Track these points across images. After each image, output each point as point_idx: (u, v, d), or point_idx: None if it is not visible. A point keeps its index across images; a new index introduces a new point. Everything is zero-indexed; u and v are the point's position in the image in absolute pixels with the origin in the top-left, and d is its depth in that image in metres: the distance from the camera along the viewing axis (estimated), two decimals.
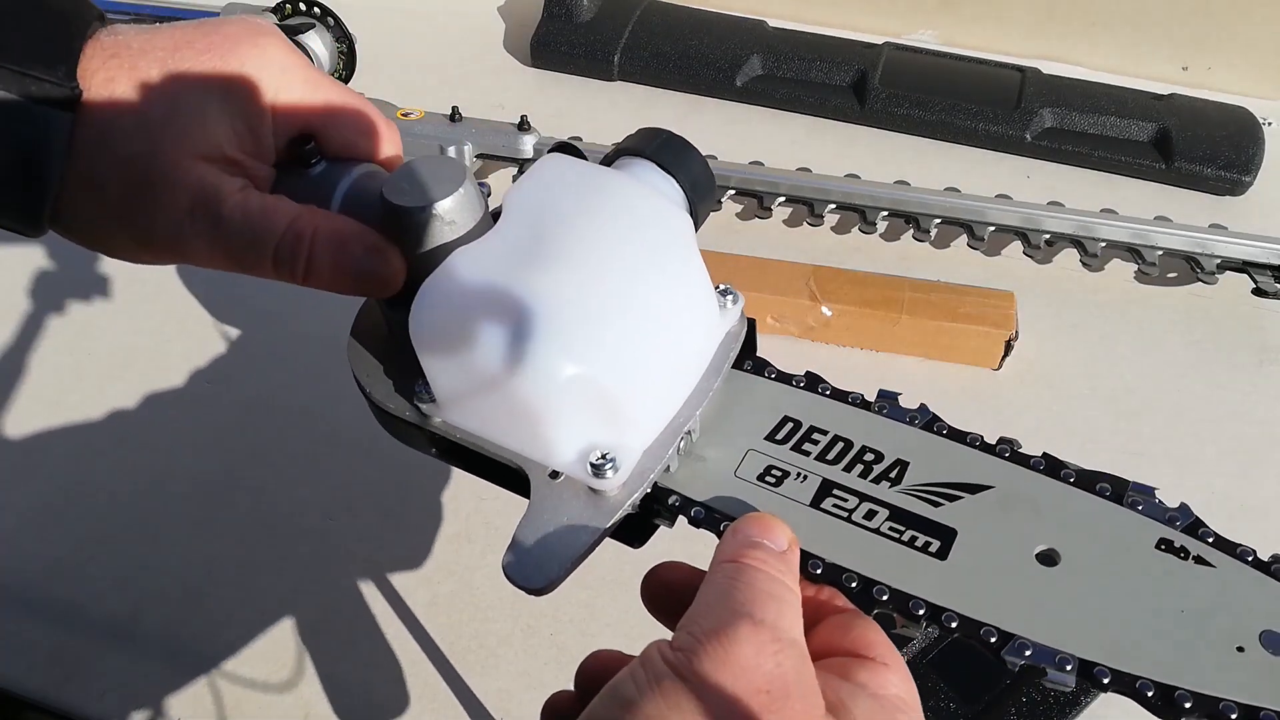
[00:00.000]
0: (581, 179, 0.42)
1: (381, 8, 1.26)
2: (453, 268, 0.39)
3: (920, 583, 0.37)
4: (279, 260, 0.41)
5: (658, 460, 0.41)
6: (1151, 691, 0.34)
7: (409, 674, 0.73)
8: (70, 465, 0.86)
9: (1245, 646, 0.35)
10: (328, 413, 0.88)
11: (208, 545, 0.80)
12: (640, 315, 0.39)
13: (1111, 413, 0.85)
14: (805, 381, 0.44)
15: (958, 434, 0.42)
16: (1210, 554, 0.38)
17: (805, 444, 0.42)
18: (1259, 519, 0.78)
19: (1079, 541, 0.38)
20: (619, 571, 0.77)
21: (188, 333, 0.95)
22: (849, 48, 1.13)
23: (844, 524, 0.40)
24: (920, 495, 0.40)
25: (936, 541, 0.39)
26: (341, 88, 0.44)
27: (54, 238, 0.41)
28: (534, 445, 0.40)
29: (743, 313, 0.46)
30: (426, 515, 0.81)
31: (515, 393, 0.38)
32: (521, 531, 0.39)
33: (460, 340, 0.38)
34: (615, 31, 1.16)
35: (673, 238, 0.42)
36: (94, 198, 0.39)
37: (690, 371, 0.43)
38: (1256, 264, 0.91)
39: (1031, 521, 0.39)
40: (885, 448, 0.41)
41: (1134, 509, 0.39)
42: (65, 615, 0.77)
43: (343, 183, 0.43)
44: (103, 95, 0.38)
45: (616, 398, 0.39)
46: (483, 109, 1.07)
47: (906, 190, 0.97)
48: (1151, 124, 1.04)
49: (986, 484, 0.40)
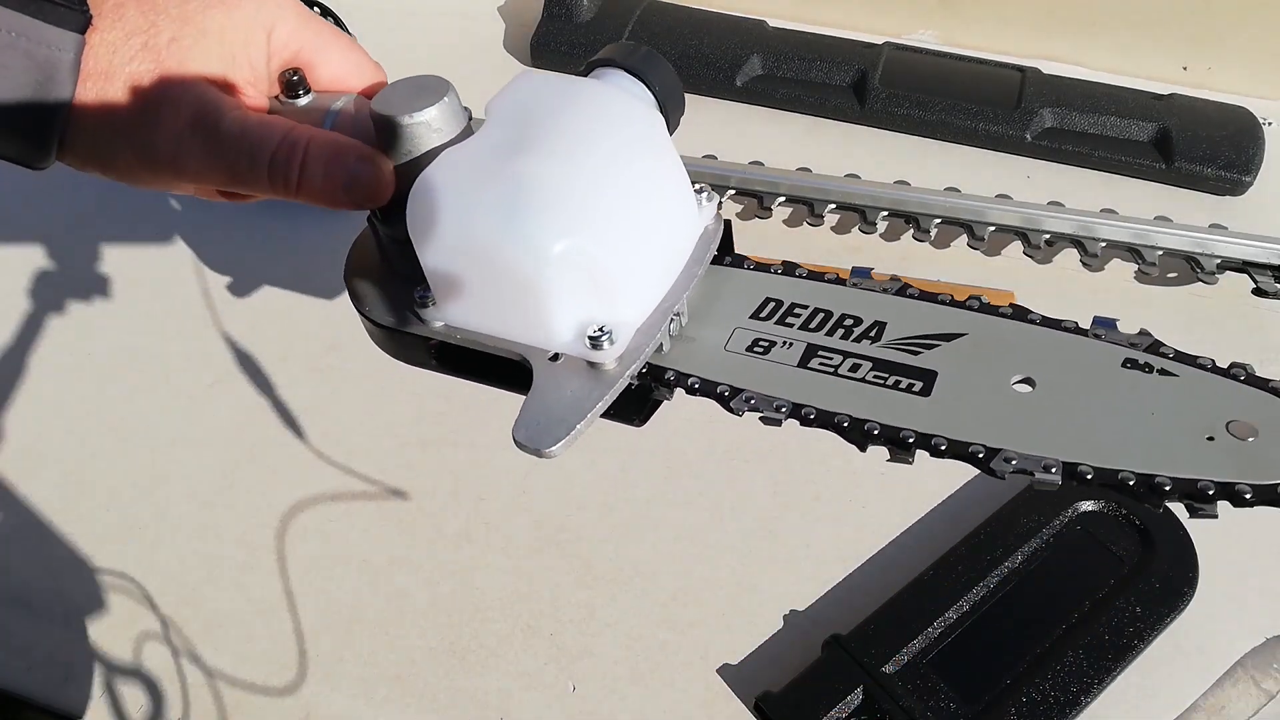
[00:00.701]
0: (559, 86, 0.44)
1: (381, 8, 1.26)
2: (445, 162, 0.41)
3: (907, 417, 0.40)
4: (274, 170, 0.43)
5: (650, 338, 0.43)
6: (1133, 481, 0.37)
7: (409, 674, 0.73)
8: (70, 465, 0.86)
9: (1215, 436, 0.38)
10: (328, 413, 0.88)
11: (208, 545, 0.80)
12: (624, 198, 0.42)
13: None
14: (782, 268, 0.48)
15: (929, 295, 0.45)
16: (1172, 366, 0.41)
17: (788, 318, 0.45)
18: (1259, 519, 0.78)
19: (1052, 369, 0.41)
20: (619, 571, 0.77)
21: (188, 333, 0.95)
22: (849, 48, 1.13)
23: (832, 378, 0.43)
24: (900, 347, 0.43)
25: (919, 382, 0.42)
26: (333, 29, 0.47)
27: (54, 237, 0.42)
28: (534, 329, 0.43)
29: (719, 212, 0.48)
30: (426, 515, 0.81)
31: (513, 272, 0.40)
32: (528, 406, 0.42)
33: (457, 227, 0.40)
34: (615, 31, 1.16)
35: (649, 133, 0.44)
36: (100, 116, 0.41)
37: (675, 257, 0.45)
38: (1256, 264, 0.91)
39: (1006, 358, 0.42)
40: (863, 313, 0.45)
41: (1098, 339, 0.42)
42: (65, 615, 0.77)
43: (332, 108, 0.46)
44: (112, 19, 0.41)
45: (608, 269, 0.41)
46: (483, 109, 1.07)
47: (906, 190, 0.97)
48: (1151, 124, 1.04)
49: (960, 332, 0.43)
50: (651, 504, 0.81)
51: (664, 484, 0.81)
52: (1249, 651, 0.70)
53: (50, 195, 1.07)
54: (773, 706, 0.67)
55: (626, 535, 0.79)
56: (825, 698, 0.66)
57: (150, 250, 1.02)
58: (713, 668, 0.72)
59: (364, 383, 0.89)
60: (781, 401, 0.42)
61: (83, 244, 1.02)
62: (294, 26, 0.45)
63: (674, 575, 0.77)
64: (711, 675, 0.72)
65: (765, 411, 0.42)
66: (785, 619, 0.74)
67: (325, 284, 0.95)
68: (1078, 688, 0.67)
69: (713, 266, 0.48)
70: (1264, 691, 0.69)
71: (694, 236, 0.47)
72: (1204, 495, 0.36)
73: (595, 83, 0.45)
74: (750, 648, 0.73)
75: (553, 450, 0.41)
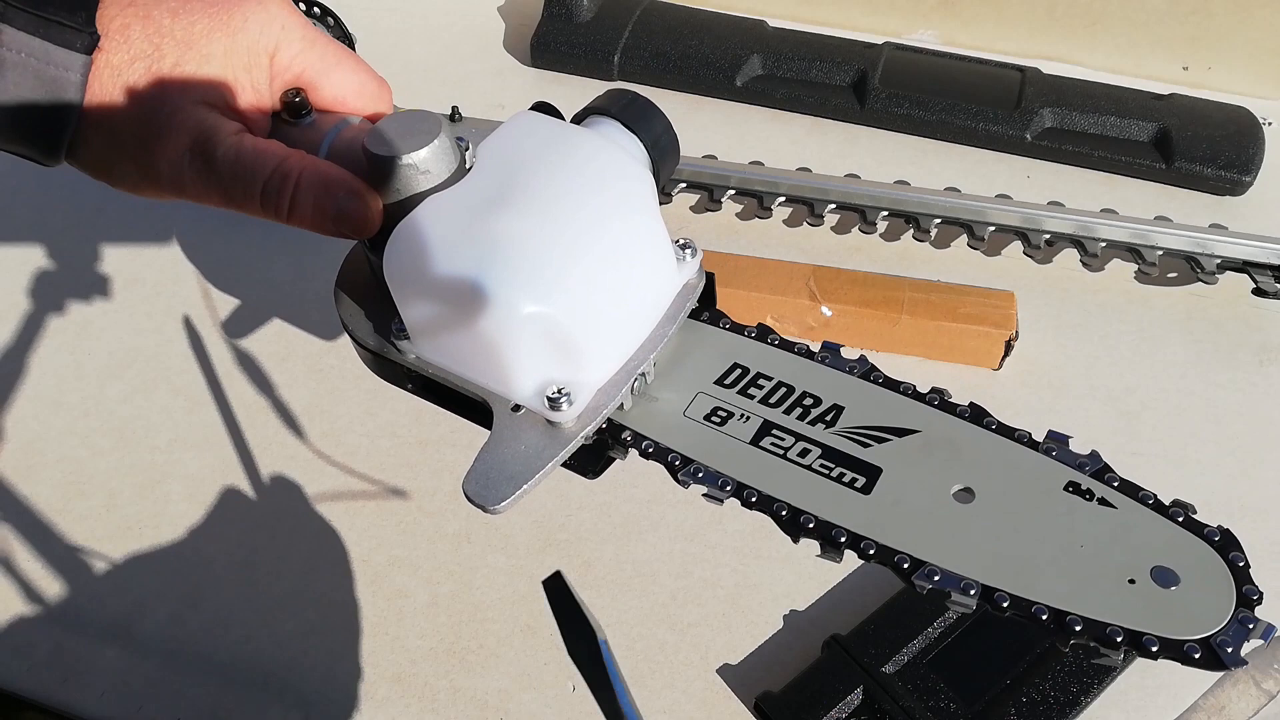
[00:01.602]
0: (549, 134, 0.45)
1: (381, 8, 1.26)
2: (424, 212, 0.42)
3: (844, 514, 0.41)
4: (266, 199, 0.44)
5: (611, 397, 0.44)
6: (1046, 615, 0.37)
7: (409, 674, 0.73)
8: (70, 465, 0.86)
9: (1136, 579, 0.38)
10: (328, 413, 0.88)
11: (208, 545, 0.80)
12: (599, 261, 0.42)
13: (1111, 413, 0.85)
14: (756, 333, 0.48)
15: (892, 383, 0.45)
16: (1113, 496, 0.41)
17: (751, 388, 0.45)
18: (1259, 519, 0.78)
19: (994, 481, 0.41)
20: (619, 572, 0.77)
21: (188, 333, 0.95)
22: (849, 48, 1.13)
23: (780, 460, 0.43)
24: (852, 436, 0.43)
25: (863, 478, 0.42)
26: (338, 48, 0.47)
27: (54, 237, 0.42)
28: (496, 379, 0.44)
29: (701, 266, 0.48)
30: (426, 515, 0.81)
31: (478, 328, 0.41)
32: (482, 456, 0.43)
33: (429, 279, 0.41)
34: (615, 31, 1.16)
35: (632, 191, 0.44)
36: (106, 135, 0.43)
37: (646, 318, 0.46)
38: (1256, 264, 0.91)
39: (952, 463, 0.42)
40: (824, 393, 0.45)
41: (1048, 454, 0.42)
42: (65, 615, 0.77)
43: (330, 133, 0.46)
44: (118, 40, 0.42)
45: (572, 336, 0.42)
46: (483, 109, 1.07)
47: (906, 190, 0.97)
48: (1151, 124, 1.04)
49: (914, 428, 0.43)
50: (651, 504, 0.81)
51: (664, 484, 0.81)
52: (1249, 651, 0.70)
53: (50, 195, 1.07)
54: (773, 706, 0.67)
55: (626, 535, 0.79)
56: (825, 698, 0.66)
57: (150, 250, 1.02)
58: (713, 668, 0.72)
59: (364, 383, 0.89)
60: (728, 479, 0.43)
61: (83, 244, 1.02)
62: (299, 49, 0.46)
63: (674, 575, 0.77)
64: (711, 675, 0.72)
65: (709, 488, 0.43)
66: (785, 619, 0.74)
67: (325, 284, 0.95)
68: (1078, 688, 0.67)
69: (690, 320, 0.48)
70: (1264, 691, 0.69)
71: (670, 294, 0.47)
72: (1111, 641, 0.36)
73: (586, 134, 0.45)
74: (750, 648, 0.73)
75: (499, 508, 0.41)
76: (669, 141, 0.48)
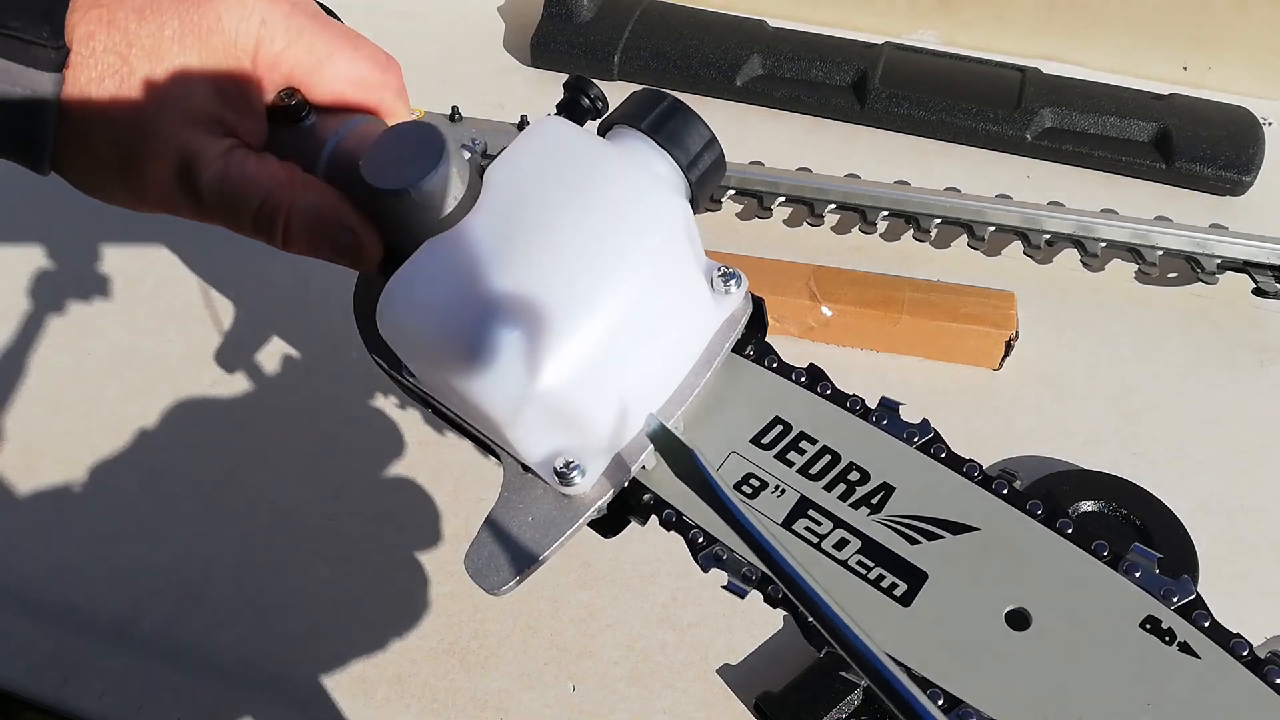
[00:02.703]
0: (569, 156, 0.39)
1: (381, 8, 1.25)
2: (420, 264, 0.38)
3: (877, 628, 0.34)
4: (258, 229, 0.41)
5: (633, 460, 0.40)
6: None
7: (409, 674, 0.73)
8: (70, 465, 0.86)
9: None
10: (328, 413, 0.88)
11: (208, 545, 0.80)
12: (616, 317, 0.37)
13: (1111, 413, 0.85)
14: (806, 377, 0.42)
15: (955, 460, 0.39)
16: (1199, 641, 0.34)
17: (791, 452, 0.40)
18: (1259, 519, 0.78)
19: (1057, 605, 0.35)
20: (619, 571, 0.77)
21: (188, 333, 0.95)
22: (849, 48, 1.13)
23: (813, 550, 0.38)
24: (898, 528, 0.37)
25: (904, 585, 0.36)
26: (332, 34, 0.42)
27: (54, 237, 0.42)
28: (503, 443, 0.40)
29: (748, 293, 0.43)
30: (426, 515, 0.81)
31: (475, 402, 0.37)
32: (486, 527, 0.39)
33: (424, 343, 0.38)
34: (615, 31, 1.16)
35: (661, 226, 0.38)
36: (88, 156, 0.40)
37: (675, 368, 0.41)
38: (1257, 264, 0.91)
39: (1011, 574, 0.36)
40: (873, 467, 0.39)
41: (1129, 574, 0.35)
42: (65, 615, 0.77)
43: (330, 142, 0.42)
44: (84, 54, 0.38)
45: (580, 411, 0.37)
46: (483, 109, 1.07)
47: (906, 190, 0.97)
48: (1152, 124, 1.04)
49: (972, 524, 0.37)
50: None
51: None
52: None
53: (50, 195, 1.07)
54: (773, 706, 0.67)
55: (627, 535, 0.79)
56: (825, 698, 0.66)
57: (150, 250, 1.02)
58: (713, 668, 0.72)
59: (364, 383, 0.89)
60: (752, 570, 0.38)
61: (83, 244, 1.02)
62: (283, 44, 0.40)
63: (674, 575, 0.77)
64: (711, 675, 0.71)
65: (731, 575, 0.38)
66: (785, 619, 0.74)
67: (326, 284, 0.95)
68: None
69: (734, 356, 0.43)
70: None
71: (705, 336, 0.41)
72: None
73: (611, 156, 0.39)
74: (750, 648, 0.73)
75: (502, 592, 0.38)
76: (710, 160, 0.41)
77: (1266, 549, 0.76)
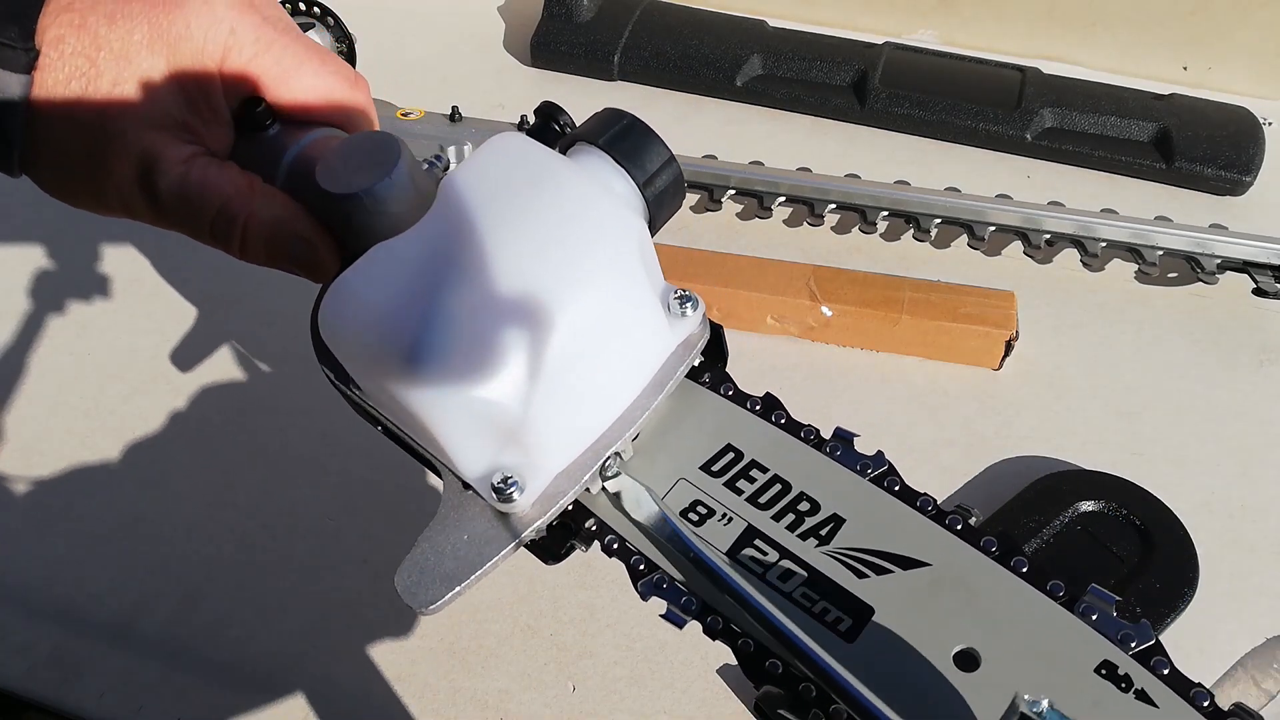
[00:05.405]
0: (524, 169, 0.38)
1: (381, 8, 1.26)
2: (363, 267, 0.37)
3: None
4: (215, 238, 0.41)
5: (574, 483, 0.38)
6: None
7: (409, 674, 0.73)
8: (70, 465, 0.86)
9: None
10: (328, 413, 0.88)
11: (207, 545, 0.80)
12: (561, 330, 0.36)
13: (1111, 413, 0.85)
14: (761, 405, 0.41)
15: (908, 493, 0.37)
16: (1157, 690, 0.32)
17: (740, 480, 0.39)
18: (1259, 519, 0.78)
19: (1008, 647, 0.33)
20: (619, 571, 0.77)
21: (188, 333, 0.95)
22: (849, 48, 1.13)
23: (756, 581, 0.37)
24: (846, 560, 0.36)
25: (849, 620, 0.35)
26: (301, 48, 0.42)
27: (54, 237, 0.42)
28: (441, 455, 0.39)
29: (705, 318, 0.42)
30: (426, 515, 0.81)
31: (413, 408, 0.36)
32: (421, 544, 0.38)
33: (362, 344, 0.37)
34: (615, 31, 1.16)
35: (613, 241, 0.38)
36: (56, 158, 0.40)
37: (625, 389, 0.39)
38: (1257, 264, 0.91)
39: (961, 613, 0.34)
40: (824, 498, 0.38)
41: (1085, 617, 0.34)
42: (65, 615, 0.77)
43: (291, 151, 0.42)
44: (52, 58, 0.38)
45: (522, 422, 0.36)
46: (483, 109, 1.07)
47: (906, 190, 0.97)
48: (1152, 124, 1.04)
49: (923, 560, 0.36)
50: None
51: None
52: (1249, 651, 0.70)
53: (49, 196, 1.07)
54: (773, 706, 0.67)
55: None
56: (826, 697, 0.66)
57: (150, 250, 1.02)
58: (713, 668, 0.72)
59: None
60: (692, 599, 0.37)
61: (83, 244, 1.02)
62: (251, 53, 0.40)
63: None
64: (711, 675, 0.71)
65: (671, 603, 0.38)
66: None
67: None
68: None
69: (688, 381, 0.41)
70: (1264, 691, 0.69)
71: (658, 358, 0.40)
72: None
73: (568, 173, 0.39)
74: None
75: (429, 610, 0.37)
76: (668, 179, 0.41)
77: (1266, 549, 0.76)
